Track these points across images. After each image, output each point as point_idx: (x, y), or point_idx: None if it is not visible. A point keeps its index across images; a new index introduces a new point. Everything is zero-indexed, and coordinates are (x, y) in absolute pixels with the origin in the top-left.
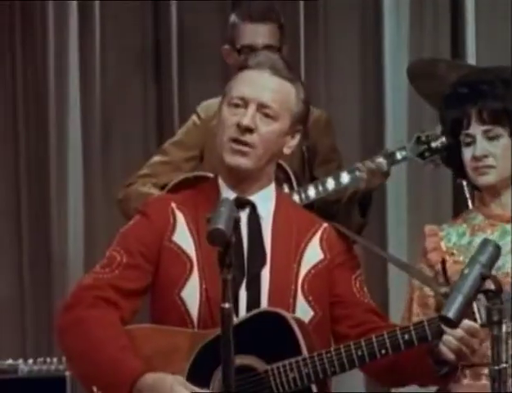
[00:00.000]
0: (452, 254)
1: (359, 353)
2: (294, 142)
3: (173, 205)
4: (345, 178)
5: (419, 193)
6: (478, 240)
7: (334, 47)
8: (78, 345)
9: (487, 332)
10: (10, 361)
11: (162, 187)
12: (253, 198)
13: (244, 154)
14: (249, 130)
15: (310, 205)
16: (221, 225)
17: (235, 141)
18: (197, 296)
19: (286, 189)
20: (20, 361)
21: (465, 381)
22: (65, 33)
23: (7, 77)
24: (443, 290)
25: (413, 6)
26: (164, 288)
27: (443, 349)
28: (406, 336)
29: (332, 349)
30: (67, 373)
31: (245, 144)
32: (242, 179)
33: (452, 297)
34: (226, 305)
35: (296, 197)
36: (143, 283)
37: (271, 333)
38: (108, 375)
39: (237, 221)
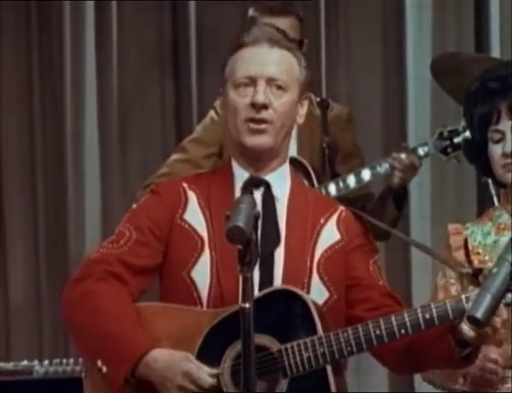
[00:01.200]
0: (477, 253)
1: (377, 332)
2: (304, 110)
3: (185, 184)
4: (366, 174)
5: (442, 189)
6: (503, 239)
7: (355, 41)
8: (87, 317)
9: (509, 311)
10: (25, 362)
11: None
12: (268, 178)
13: (263, 131)
14: (264, 107)
15: None
16: (240, 223)
17: (252, 120)
18: (207, 276)
19: None
20: (36, 362)
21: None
22: (82, 31)
23: (24, 76)
24: (465, 270)
25: (436, 1)
26: (174, 267)
27: (464, 327)
28: (427, 315)
29: (349, 328)
30: (83, 375)
31: (263, 121)
32: (259, 159)
33: (480, 296)
34: (247, 305)
35: None
36: (153, 261)
37: (285, 312)
38: (115, 349)
39: (257, 218)
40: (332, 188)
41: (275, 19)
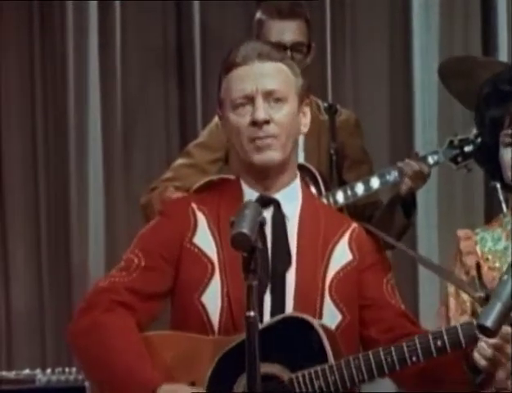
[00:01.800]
0: (487, 259)
1: (388, 359)
2: (307, 118)
3: (194, 205)
4: (375, 182)
5: (449, 196)
6: None
7: (361, 47)
8: (93, 350)
9: None
10: (27, 371)
11: (187, 191)
12: (277, 196)
13: (270, 147)
14: (266, 122)
15: (339, 211)
16: (245, 229)
17: (257, 138)
18: (218, 301)
19: (314, 194)
20: (38, 371)
21: None
22: (85, 33)
23: (26, 79)
24: (478, 294)
25: (443, 5)
26: (184, 292)
27: (476, 356)
28: (439, 342)
29: (360, 355)
30: (86, 384)
31: (268, 137)
32: (268, 176)
33: (491, 304)
34: (252, 313)
35: (324, 202)
36: (163, 286)
37: (296, 340)
38: (123, 384)
39: (262, 224)
40: (340, 196)
41: (283, 22)
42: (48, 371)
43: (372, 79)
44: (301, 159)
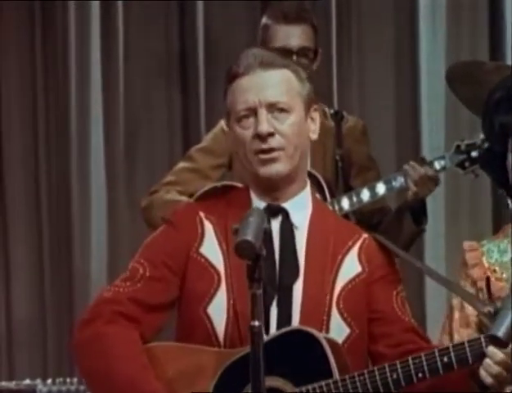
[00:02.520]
0: (494, 271)
1: (394, 376)
2: (316, 124)
3: (202, 214)
4: (381, 188)
5: (457, 205)
6: None
7: (367, 53)
8: (96, 362)
9: None
10: (27, 381)
11: (190, 196)
12: (286, 205)
13: (275, 160)
14: (270, 135)
15: (345, 217)
16: (249, 237)
17: (261, 152)
18: (224, 312)
19: None
20: (39, 381)
21: None
22: (87, 40)
23: (27, 84)
24: (486, 309)
25: (450, 10)
26: (190, 303)
27: (482, 373)
28: (446, 359)
29: (365, 371)
30: None
31: (272, 150)
32: (276, 187)
33: (502, 315)
34: (256, 323)
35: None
36: (168, 297)
37: (300, 354)
38: None
39: (267, 232)
40: (345, 203)
41: (289, 26)
42: (49, 381)
43: (378, 85)
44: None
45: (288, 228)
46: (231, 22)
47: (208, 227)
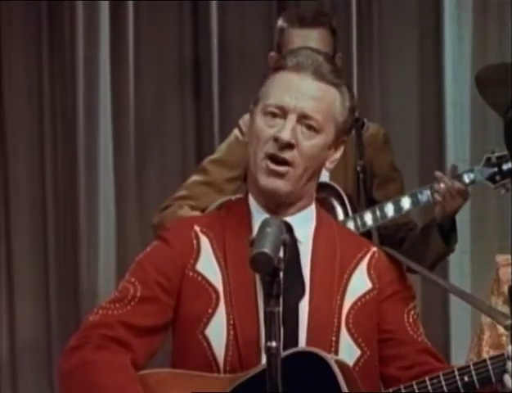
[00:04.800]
0: None
1: None
2: (337, 155)
3: (197, 228)
4: (406, 202)
5: (483, 220)
6: None
7: (389, 59)
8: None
9: None
10: None
11: (203, 211)
12: (289, 220)
13: (281, 175)
14: (289, 146)
15: (367, 233)
16: (266, 249)
17: (272, 158)
18: (224, 334)
19: (340, 216)
20: None
21: None
22: (96, 46)
23: (33, 92)
24: (508, 322)
25: (476, 15)
26: (186, 325)
27: (506, 379)
28: (466, 378)
29: None
30: None
31: (284, 163)
32: (277, 203)
33: None
34: (274, 344)
35: (351, 224)
36: (161, 319)
37: (308, 377)
38: None
39: (286, 244)
40: (368, 218)
41: (305, 30)
42: None
43: (401, 93)
44: (326, 177)
45: (292, 243)
46: (246, 27)
47: (205, 242)
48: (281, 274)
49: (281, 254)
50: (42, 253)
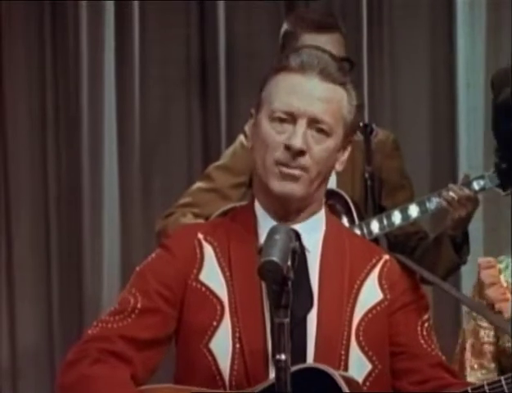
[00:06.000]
0: None
1: None
2: (346, 155)
3: (200, 236)
4: (414, 211)
5: (495, 227)
6: None
7: (400, 62)
8: None
9: None
10: None
11: (207, 219)
12: (298, 227)
13: (295, 179)
14: (301, 153)
15: (375, 242)
16: (275, 257)
17: (285, 165)
18: (229, 347)
19: (346, 224)
20: None
21: None
22: (101, 48)
23: (35, 96)
24: None
25: (489, 19)
26: (189, 338)
27: None
28: None
29: None
30: None
31: (297, 167)
32: (288, 208)
33: None
34: (283, 357)
35: (357, 232)
36: (163, 331)
37: None
38: None
39: (295, 252)
40: (375, 226)
41: (317, 35)
42: None
43: (412, 98)
44: (333, 184)
45: (300, 252)
46: (254, 30)
47: (209, 250)
48: (290, 284)
49: (290, 262)
50: (45, 259)
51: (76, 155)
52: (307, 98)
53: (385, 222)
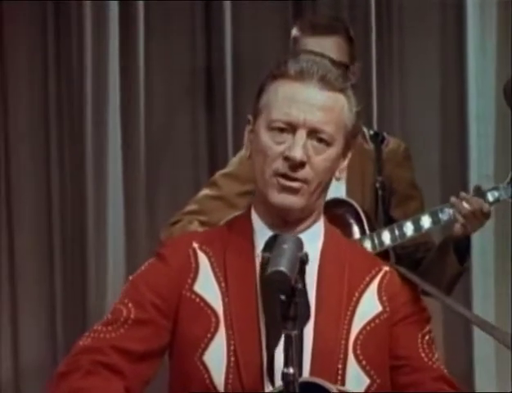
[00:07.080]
0: None
1: None
2: (346, 162)
3: (195, 245)
4: (426, 221)
5: (507, 239)
6: None
7: (410, 69)
8: None
9: None
10: None
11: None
12: None
13: (295, 191)
14: (301, 165)
15: (385, 253)
16: (283, 267)
17: (283, 176)
18: (224, 360)
19: (357, 234)
20: None
21: None
22: (105, 57)
23: (38, 101)
24: None
25: (501, 26)
26: (183, 350)
27: None
28: None
29: None
30: None
31: (297, 180)
32: (286, 219)
33: None
34: (291, 371)
35: (368, 243)
36: (157, 343)
37: None
38: None
39: (304, 262)
40: (386, 237)
41: (318, 39)
42: None
43: (422, 106)
44: (343, 193)
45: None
46: (261, 38)
47: (204, 260)
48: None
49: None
50: (49, 270)
51: (80, 166)
52: (307, 108)
53: (397, 233)
